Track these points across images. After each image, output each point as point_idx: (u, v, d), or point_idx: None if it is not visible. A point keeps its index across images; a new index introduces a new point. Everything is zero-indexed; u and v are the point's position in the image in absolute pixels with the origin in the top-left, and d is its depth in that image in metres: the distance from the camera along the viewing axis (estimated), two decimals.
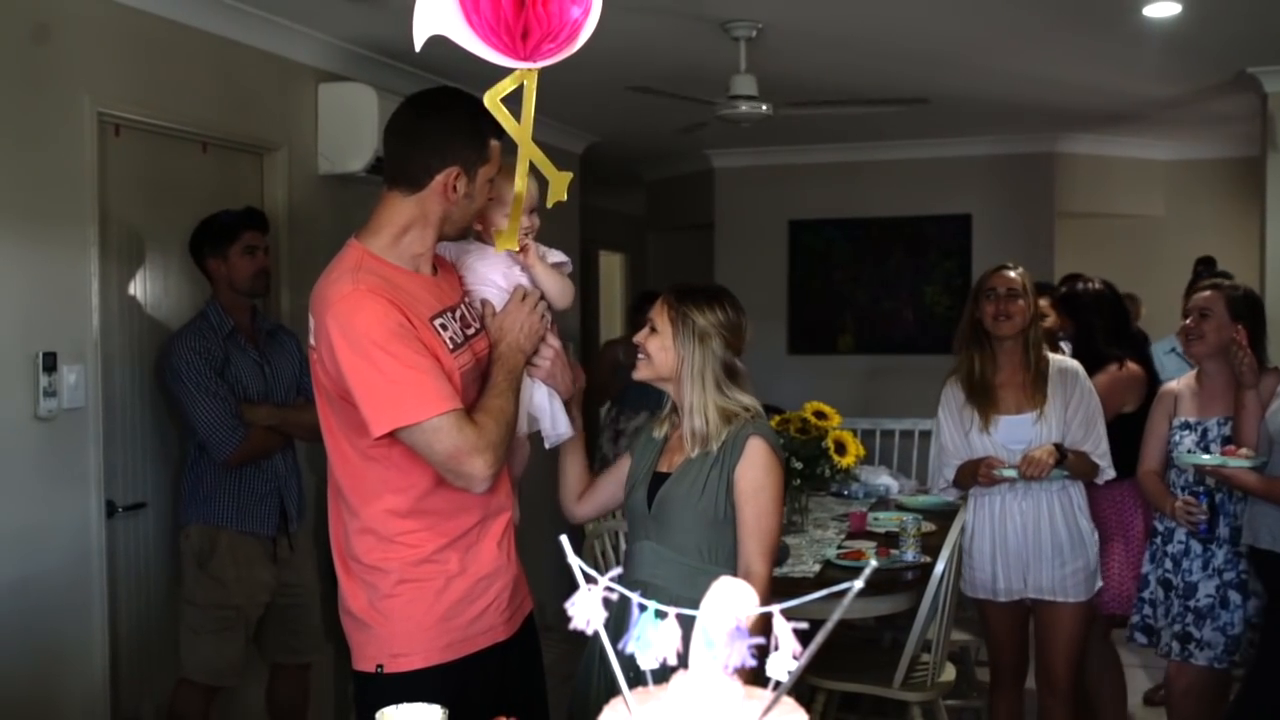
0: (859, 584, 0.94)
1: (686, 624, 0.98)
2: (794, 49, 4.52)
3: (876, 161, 7.20)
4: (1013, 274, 3.65)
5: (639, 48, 4.54)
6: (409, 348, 2.02)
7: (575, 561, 1.02)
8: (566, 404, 2.45)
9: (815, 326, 7.51)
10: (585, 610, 1.00)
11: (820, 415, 4.40)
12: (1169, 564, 3.60)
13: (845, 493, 5.14)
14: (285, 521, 3.59)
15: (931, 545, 3.87)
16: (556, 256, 2.43)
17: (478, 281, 2.36)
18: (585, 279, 9.81)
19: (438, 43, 4.66)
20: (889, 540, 4.04)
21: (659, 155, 7.77)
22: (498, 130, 2.17)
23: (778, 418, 4.48)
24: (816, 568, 3.74)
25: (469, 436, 2.03)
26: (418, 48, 1.28)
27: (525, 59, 1.31)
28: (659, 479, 2.54)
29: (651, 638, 0.99)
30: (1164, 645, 3.58)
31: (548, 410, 2.40)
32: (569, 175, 1.36)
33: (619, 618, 1.03)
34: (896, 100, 4.55)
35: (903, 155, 7.11)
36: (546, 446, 2.49)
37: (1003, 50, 4.76)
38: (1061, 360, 3.67)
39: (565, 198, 1.40)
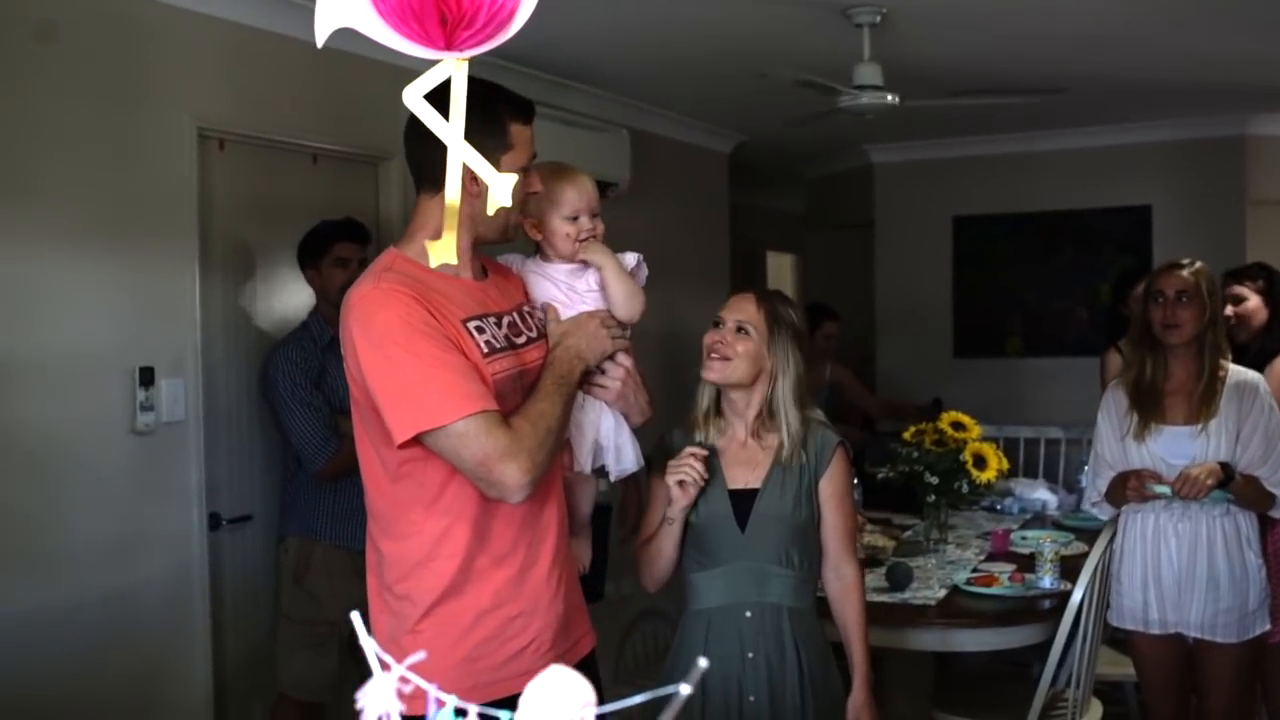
0: (687, 689, 0.75)
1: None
2: (923, 34, 4.21)
3: (1045, 152, 6.75)
4: (1185, 273, 3.24)
5: (759, 38, 4.33)
6: (435, 345, 1.86)
7: (369, 645, 0.86)
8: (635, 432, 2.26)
9: (982, 328, 7.12)
10: (379, 701, 0.84)
11: (958, 426, 4.07)
12: None
13: (998, 508, 4.78)
14: None
15: (1075, 569, 3.51)
16: (622, 262, 2.18)
17: (541, 295, 2.20)
18: (751, 280, 9.61)
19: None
20: (1032, 563, 3.69)
21: (815, 152, 7.50)
22: (524, 114, 2.01)
23: (914, 427, 4.19)
24: (942, 593, 3.44)
25: (499, 441, 1.85)
26: (319, 44, 1.13)
27: (446, 48, 1.13)
28: (740, 496, 2.40)
29: None
30: None
31: (612, 440, 2.20)
32: (513, 178, 1.18)
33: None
34: (1032, 90, 4.18)
35: (1073, 144, 6.65)
36: (611, 479, 2.31)
37: (1173, 25, 4.31)
38: (1242, 372, 3.25)
39: (510, 203, 1.22)
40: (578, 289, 2.16)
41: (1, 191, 2.94)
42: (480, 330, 1.97)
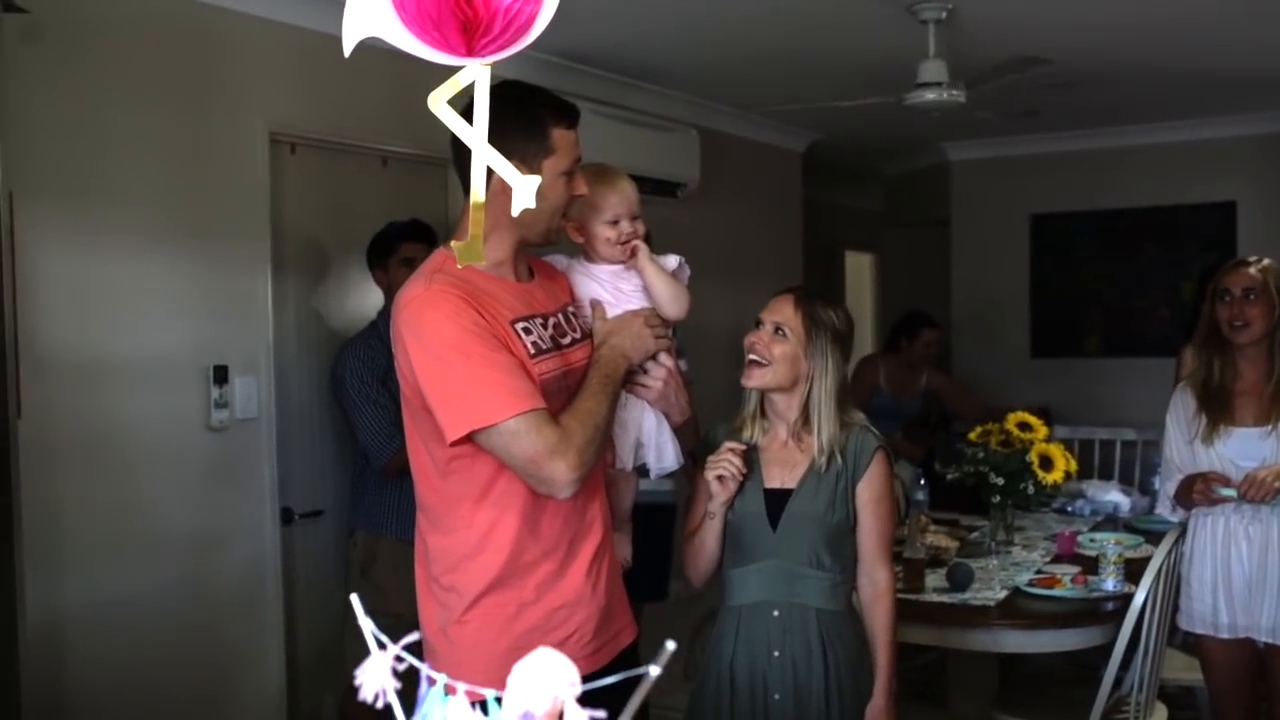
0: (656, 670, 0.79)
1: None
2: (990, 29, 4.17)
3: (1125, 148, 6.62)
4: (1253, 270, 3.20)
5: (824, 36, 4.33)
6: (484, 345, 1.91)
7: (367, 625, 0.91)
8: (677, 432, 2.30)
9: (1060, 327, 7.01)
10: (375, 678, 0.90)
11: (1024, 427, 4.03)
12: None
13: (1069, 510, 4.71)
14: None
15: (1141, 572, 3.46)
16: (664, 264, 2.25)
17: (587, 295, 2.25)
18: (830, 281, 9.56)
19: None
20: (1097, 566, 3.64)
21: (892, 149, 7.45)
22: (567, 118, 2.05)
23: (980, 428, 4.15)
24: (1003, 594, 3.41)
25: (548, 438, 1.90)
26: (346, 52, 1.18)
27: (468, 55, 1.17)
28: (774, 495, 2.41)
29: (438, 717, 0.87)
30: None
31: (654, 438, 2.25)
32: (537, 179, 1.22)
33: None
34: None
35: (1155, 140, 6.51)
36: (652, 477, 2.36)
37: (1252, 16, 4.21)
38: None
39: (534, 204, 1.26)
40: (622, 289, 2.21)
41: (82, 196, 3.07)
42: (527, 331, 2.02)
